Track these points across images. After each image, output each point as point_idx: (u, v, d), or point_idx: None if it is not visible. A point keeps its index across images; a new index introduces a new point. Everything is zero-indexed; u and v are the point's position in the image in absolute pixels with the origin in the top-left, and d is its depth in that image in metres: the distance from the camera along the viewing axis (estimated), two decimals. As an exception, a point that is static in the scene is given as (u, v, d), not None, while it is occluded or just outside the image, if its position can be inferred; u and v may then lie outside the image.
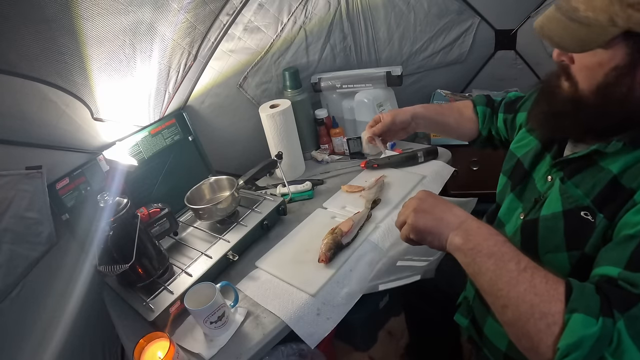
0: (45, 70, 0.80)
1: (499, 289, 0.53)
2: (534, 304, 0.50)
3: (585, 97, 0.56)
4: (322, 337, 0.81)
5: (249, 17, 1.19)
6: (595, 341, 0.45)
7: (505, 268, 0.53)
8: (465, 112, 0.99)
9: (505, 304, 0.52)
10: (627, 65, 0.52)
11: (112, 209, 0.85)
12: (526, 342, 0.51)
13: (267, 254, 1.01)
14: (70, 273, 0.96)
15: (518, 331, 0.52)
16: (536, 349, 0.49)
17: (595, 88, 0.55)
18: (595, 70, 0.54)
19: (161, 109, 1.15)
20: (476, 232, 0.58)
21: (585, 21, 0.52)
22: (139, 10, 0.87)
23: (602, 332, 0.46)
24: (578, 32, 0.52)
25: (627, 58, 0.51)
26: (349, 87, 1.35)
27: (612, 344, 0.45)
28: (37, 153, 0.89)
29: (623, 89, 0.53)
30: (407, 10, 1.41)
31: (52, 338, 0.89)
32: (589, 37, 0.52)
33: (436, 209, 0.63)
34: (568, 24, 0.53)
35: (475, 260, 0.56)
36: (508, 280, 0.52)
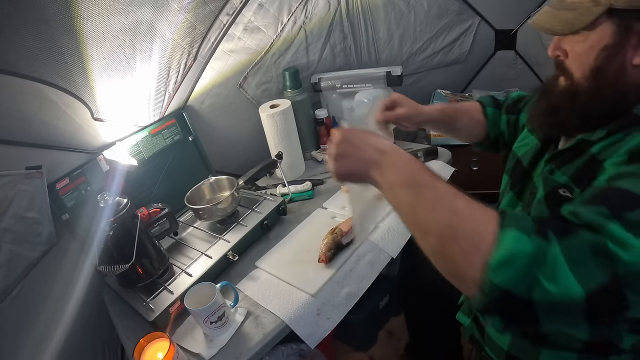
0: (45, 70, 0.80)
1: (419, 217, 0.51)
2: (457, 226, 0.47)
3: (580, 85, 0.57)
4: (322, 337, 0.81)
5: (249, 17, 1.19)
6: (530, 260, 0.42)
7: (423, 196, 0.51)
8: (476, 116, 0.95)
9: (426, 230, 0.50)
10: (616, 43, 0.52)
11: (112, 209, 0.85)
12: (451, 266, 0.48)
13: (267, 254, 1.01)
14: (70, 273, 0.96)
15: (442, 257, 0.49)
16: (463, 272, 0.46)
17: (588, 73, 0.56)
18: (587, 55, 0.55)
19: (161, 109, 1.15)
20: (392, 166, 0.56)
21: (571, 6, 0.54)
22: (139, 10, 0.87)
23: (537, 252, 0.42)
24: (565, 16, 0.55)
25: (615, 36, 0.52)
26: (349, 87, 1.35)
27: (548, 268, 0.42)
28: (37, 153, 0.89)
29: (614, 69, 0.54)
30: (407, 10, 1.41)
31: (52, 338, 0.89)
32: (576, 19, 0.54)
33: (354, 150, 0.60)
34: (557, 13, 0.56)
35: (394, 193, 0.55)
36: (426, 207, 0.50)
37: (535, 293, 0.42)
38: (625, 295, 0.41)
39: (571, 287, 0.41)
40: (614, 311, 0.42)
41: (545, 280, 0.41)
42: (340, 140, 0.61)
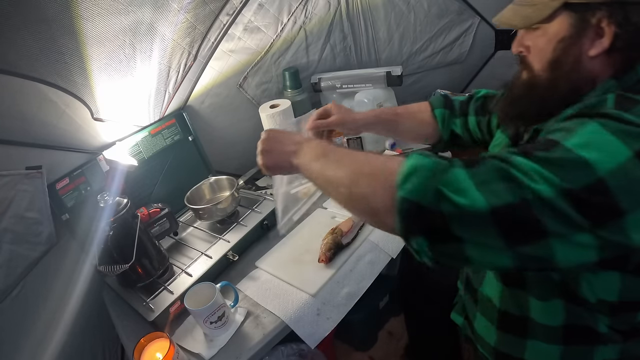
0: (45, 70, 0.80)
1: (329, 176, 0.59)
2: (362, 168, 0.54)
3: (538, 77, 0.60)
4: (322, 337, 0.81)
5: (249, 17, 1.19)
6: (430, 172, 0.48)
7: (330, 159, 0.60)
8: (419, 116, 0.96)
9: (337, 183, 0.57)
10: (572, 35, 0.54)
11: (112, 209, 0.85)
12: (365, 204, 0.53)
13: (267, 254, 1.01)
14: (70, 273, 0.96)
15: (356, 200, 0.55)
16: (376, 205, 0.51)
17: (546, 65, 0.58)
18: (545, 48, 0.57)
19: (161, 109, 1.15)
20: (306, 149, 0.66)
21: (531, 2, 0.57)
22: (139, 10, 0.87)
23: (437, 166, 0.48)
24: (525, 11, 0.58)
25: (571, 29, 0.54)
26: (349, 87, 1.35)
27: (451, 183, 0.46)
28: (37, 153, 0.89)
29: (570, 60, 0.56)
30: (407, 10, 1.41)
31: (52, 338, 0.89)
32: (534, 13, 0.57)
33: (277, 145, 0.71)
34: (518, 9, 0.59)
35: (309, 169, 0.63)
36: (333, 165, 0.59)
37: (442, 205, 0.46)
38: (537, 218, 0.43)
39: (475, 200, 0.44)
40: (528, 232, 0.44)
41: (450, 193, 0.46)
42: (265, 138, 0.73)
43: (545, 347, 0.64)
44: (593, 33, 0.53)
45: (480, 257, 0.47)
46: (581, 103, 0.56)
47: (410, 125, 0.95)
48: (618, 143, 0.44)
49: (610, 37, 0.52)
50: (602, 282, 0.54)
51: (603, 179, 0.42)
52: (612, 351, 0.60)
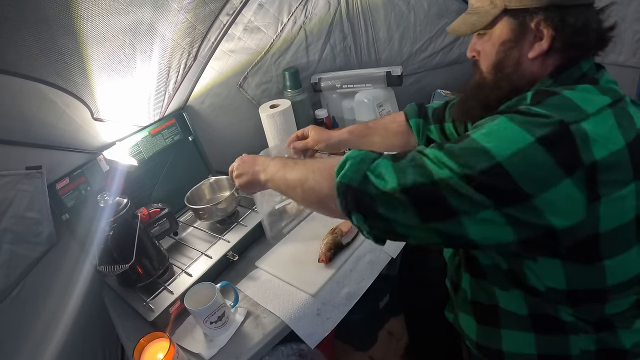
0: (45, 70, 0.80)
1: (288, 179, 0.69)
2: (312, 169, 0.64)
3: (485, 78, 0.65)
4: (322, 337, 0.81)
5: (249, 17, 1.19)
6: (359, 160, 0.57)
7: (288, 167, 0.71)
8: (391, 127, 1.01)
9: (294, 185, 0.67)
10: (513, 39, 0.59)
11: (112, 209, 0.85)
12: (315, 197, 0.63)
13: (267, 254, 1.01)
14: (70, 273, 0.96)
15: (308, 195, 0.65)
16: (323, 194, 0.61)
17: (491, 67, 0.63)
18: (490, 52, 0.62)
19: (161, 109, 1.15)
20: (271, 165, 0.76)
21: (475, 11, 0.63)
22: (139, 11, 0.87)
23: (365, 156, 0.57)
24: (470, 19, 0.63)
25: (512, 33, 0.59)
26: (349, 87, 1.35)
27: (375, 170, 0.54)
28: (37, 153, 0.89)
29: (511, 62, 0.60)
30: (407, 10, 1.41)
31: (52, 338, 0.89)
32: (478, 20, 0.62)
33: (247, 167, 0.82)
34: (465, 17, 0.65)
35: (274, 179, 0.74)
36: (290, 171, 0.69)
37: (368, 187, 0.54)
38: (443, 196, 0.49)
39: (390, 181, 0.52)
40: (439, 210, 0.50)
41: (373, 177, 0.54)
42: (239, 163, 0.85)
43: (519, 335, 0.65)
44: (532, 36, 0.58)
45: (407, 233, 0.54)
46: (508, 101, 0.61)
47: (383, 137, 1.02)
48: (519, 130, 0.49)
49: (548, 39, 0.56)
50: (545, 270, 0.56)
51: (500, 164, 0.47)
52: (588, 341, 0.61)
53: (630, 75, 1.27)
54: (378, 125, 1.03)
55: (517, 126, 0.49)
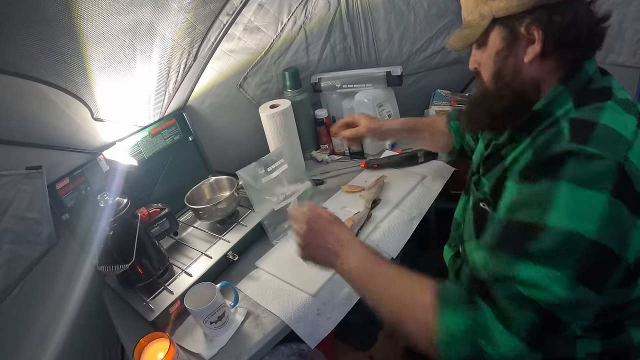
0: (45, 70, 0.80)
1: (370, 300, 0.64)
2: (405, 305, 0.60)
3: (487, 88, 0.65)
4: (322, 337, 0.81)
5: (249, 17, 1.19)
6: (469, 334, 0.51)
7: (375, 275, 0.64)
8: (439, 126, 1.06)
9: (376, 309, 0.64)
10: (506, 47, 0.59)
11: (112, 209, 0.85)
12: (405, 334, 0.60)
13: (267, 254, 1.01)
14: (70, 273, 0.96)
15: (395, 327, 0.61)
16: (417, 342, 0.58)
17: (491, 77, 0.64)
18: (488, 63, 0.63)
19: (161, 109, 1.15)
20: (349, 259, 0.67)
21: (468, 25, 0.63)
22: (139, 11, 0.87)
23: (474, 325, 0.51)
24: (463, 33, 0.64)
25: (504, 41, 0.59)
26: (349, 87, 1.35)
27: (486, 334, 0.50)
28: (37, 153, 0.89)
29: (509, 70, 0.60)
30: (407, 10, 1.41)
31: (52, 338, 0.89)
32: (470, 34, 0.62)
33: (318, 241, 0.70)
34: (460, 32, 0.65)
35: (350, 280, 0.67)
36: (374, 296, 0.64)
37: (483, 356, 0.50)
38: (559, 319, 0.48)
39: (504, 344, 0.49)
40: (557, 332, 0.49)
41: (484, 342, 0.50)
42: (307, 230, 0.70)
43: None
44: (525, 41, 0.57)
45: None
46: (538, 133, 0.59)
47: (432, 134, 1.07)
48: (592, 194, 0.47)
49: (540, 41, 0.56)
50: None
51: (596, 242, 0.46)
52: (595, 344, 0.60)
53: (630, 75, 1.27)
54: (429, 122, 1.09)
55: (586, 189, 0.47)
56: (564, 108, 0.57)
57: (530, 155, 0.56)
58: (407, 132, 1.08)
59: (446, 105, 1.49)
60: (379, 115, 1.31)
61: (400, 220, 1.03)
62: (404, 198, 1.11)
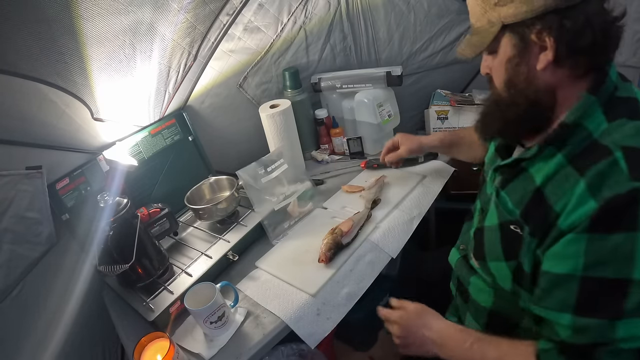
0: (45, 70, 0.80)
1: None
2: None
3: (500, 95, 0.63)
4: (322, 337, 0.81)
5: (249, 17, 1.18)
6: None
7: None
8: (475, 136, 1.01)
9: None
10: (517, 54, 0.57)
11: (112, 209, 0.85)
12: None
13: (267, 254, 1.01)
14: (70, 273, 0.96)
15: None
16: None
17: (503, 85, 0.62)
18: (500, 70, 0.61)
19: (161, 109, 1.15)
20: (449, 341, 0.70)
21: (476, 31, 0.61)
22: (139, 11, 0.87)
23: None
24: (473, 40, 0.62)
25: (514, 49, 0.57)
26: (349, 87, 1.35)
27: None
28: (37, 153, 0.89)
29: (522, 77, 0.59)
30: (407, 10, 1.41)
31: (52, 338, 0.89)
32: (479, 41, 0.60)
33: (414, 339, 0.74)
34: (469, 38, 0.63)
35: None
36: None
37: None
38: None
39: None
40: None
41: None
42: (401, 329, 0.75)
43: None
44: (537, 48, 0.56)
45: None
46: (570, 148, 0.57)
47: (469, 147, 1.04)
48: None
49: (552, 48, 0.54)
50: None
51: None
52: None
53: (630, 75, 1.25)
54: (465, 135, 1.06)
55: None
56: (595, 120, 0.55)
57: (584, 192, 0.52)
58: (446, 148, 1.10)
59: (446, 105, 1.49)
60: (379, 115, 1.31)
61: (400, 220, 1.03)
62: (404, 198, 1.11)
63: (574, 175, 0.54)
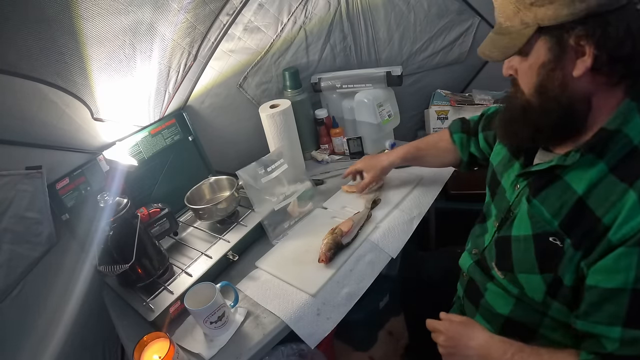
0: (45, 70, 0.80)
1: None
2: None
3: (529, 101, 0.59)
4: (322, 337, 0.81)
5: (249, 17, 1.19)
6: None
7: None
8: (441, 145, 1.03)
9: None
10: (552, 59, 0.54)
11: (112, 209, 0.85)
12: None
13: (267, 254, 1.01)
14: (70, 273, 0.96)
15: None
16: None
17: (533, 90, 0.58)
18: (529, 74, 0.57)
19: (161, 109, 1.15)
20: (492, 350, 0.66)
21: (506, 31, 0.56)
22: (139, 10, 0.87)
23: None
24: (502, 42, 0.57)
25: (550, 53, 0.54)
26: (349, 87, 1.35)
27: None
28: (37, 153, 0.89)
29: (556, 84, 0.55)
30: (407, 10, 1.41)
31: (52, 338, 0.89)
32: (510, 43, 0.56)
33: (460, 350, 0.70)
34: (495, 38, 0.58)
35: None
36: None
37: None
38: None
39: None
40: None
41: None
42: (446, 338, 0.72)
43: None
44: (573, 53, 0.52)
45: None
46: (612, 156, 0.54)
47: (435, 156, 1.04)
48: None
49: (591, 55, 0.51)
50: None
51: None
52: None
53: None
54: (428, 145, 1.05)
55: None
56: (636, 127, 0.54)
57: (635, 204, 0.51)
58: (410, 161, 1.09)
59: (446, 105, 1.49)
60: (379, 115, 1.31)
61: (400, 220, 1.03)
62: (404, 198, 1.11)
63: (621, 186, 0.52)
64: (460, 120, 1.00)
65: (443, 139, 1.02)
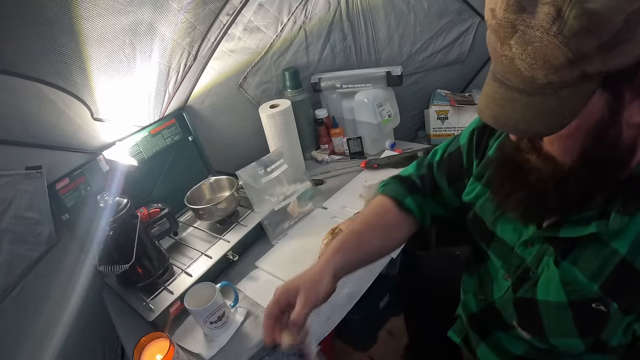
0: (45, 70, 0.80)
1: None
2: None
3: (570, 170, 0.47)
4: (322, 337, 0.81)
5: (249, 17, 1.18)
6: None
7: None
8: (387, 220, 0.74)
9: None
10: (610, 114, 0.42)
11: (112, 209, 0.85)
12: None
13: (267, 254, 1.01)
14: (70, 273, 0.96)
15: None
16: None
17: (577, 156, 0.46)
18: (576, 137, 0.44)
19: (161, 109, 1.15)
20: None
21: (549, 89, 0.40)
22: (139, 10, 0.87)
23: None
24: (546, 105, 0.40)
25: (608, 108, 0.41)
26: (349, 87, 1.35)
27: None
28: (37, 153, 0.89)
29: (610, 141, 0.44)
30: (407, 10, 1.41)
31: (52, 338, 0.89)
32: (564, 106, 0.40)
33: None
34: (528, 101, 0.41)
35: None
36: None
37: None
38: None
39: None
40: None
41: None
42: None
43: None
44: (630, 98, 0.41)
45: None
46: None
47: (384, 238, 0.72)
48: None
49: None
50: None
51: None
52: None
53: None
54: (370, 228, 0.72)
55: None
56: None
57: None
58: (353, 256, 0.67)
59: (446, 105, 1.49)
60: (379, 115, 1.31)
61: (400, 220, 1.03)
62: (404, 198, 1.11)
63: None
64: (397, 180, 0.79)
65: (388, 211, 0.74)
